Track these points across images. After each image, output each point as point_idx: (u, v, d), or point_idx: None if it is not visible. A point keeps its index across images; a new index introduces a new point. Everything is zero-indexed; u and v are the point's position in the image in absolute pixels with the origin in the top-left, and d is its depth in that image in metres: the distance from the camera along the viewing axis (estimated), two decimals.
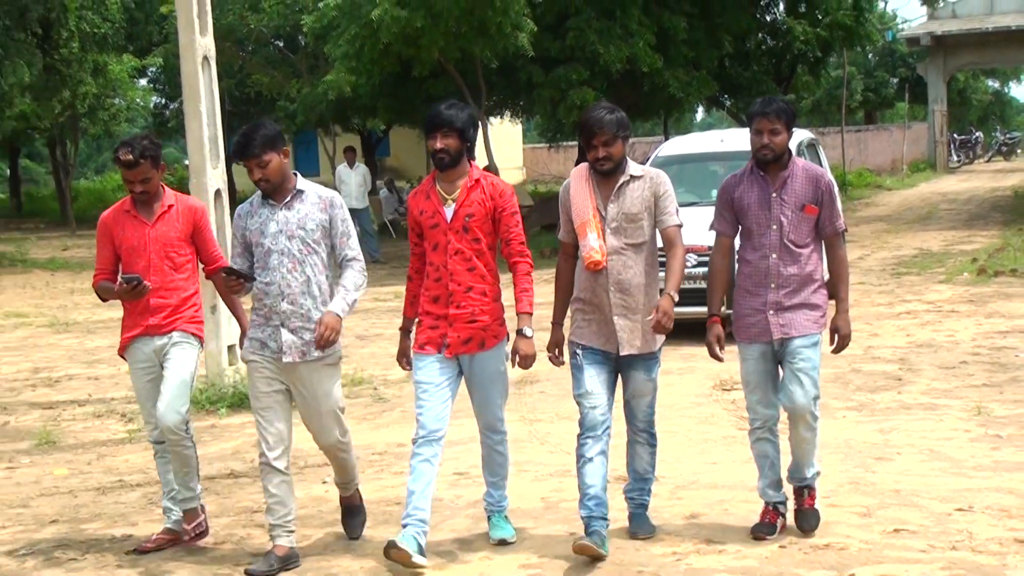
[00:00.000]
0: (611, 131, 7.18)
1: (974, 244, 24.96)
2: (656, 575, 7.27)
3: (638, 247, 7.29)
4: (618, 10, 28.00)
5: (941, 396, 11.70)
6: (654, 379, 7.56)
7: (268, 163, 7.22)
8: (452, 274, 7.35)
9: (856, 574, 7.08)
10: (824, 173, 7.55)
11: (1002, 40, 57.75)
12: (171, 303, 7.85)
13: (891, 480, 8.95)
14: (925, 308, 17.32)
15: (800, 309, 7.38)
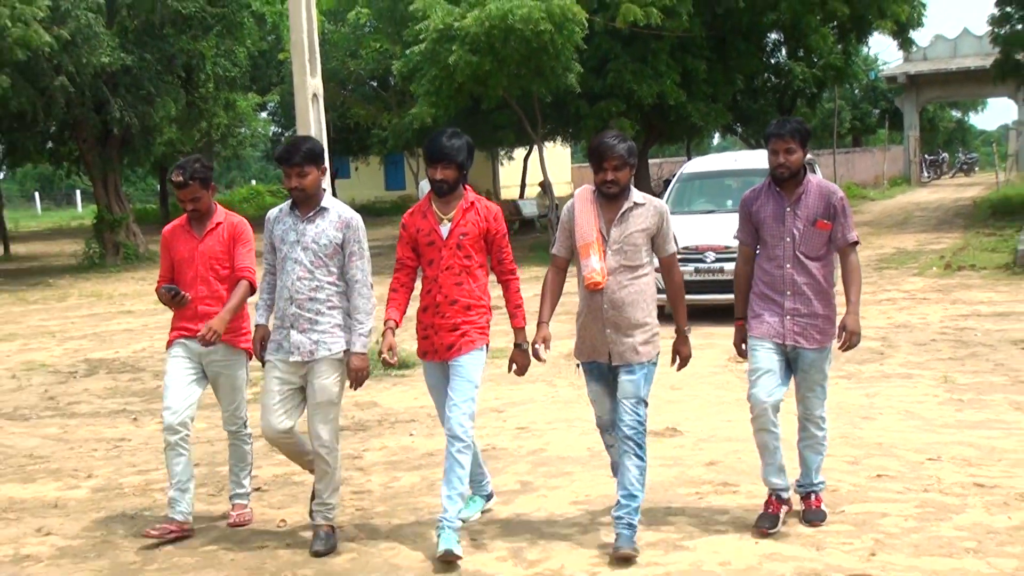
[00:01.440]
0: (621, 157, 6.52)
1: (941, 244, 24.82)
2: (683, 510, 7.33)
3: (635, 268, 6.63)
4: (649, 55, 27.97)
5: (915, 367, 11.66)
6: (636, 381, 6.63)
7: (307, 175, 6.74)
8: (441, 287, 6.79)
9: (845, 510, 7.12)
10: (837, 190, 6.86)
11: (963, 78, 57.69)
12: (214, 310, 7.20)
13: (874, 435, 8.96)
14: (902, 296, 17.22)
15: (815, 319, 6.74)
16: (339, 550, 6.94)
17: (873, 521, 6.89)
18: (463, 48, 24.04)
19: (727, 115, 32.95)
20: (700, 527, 6.97)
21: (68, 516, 8.03)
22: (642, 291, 6.66)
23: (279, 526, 7.53)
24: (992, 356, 12.02)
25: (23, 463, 9.56)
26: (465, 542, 6.83)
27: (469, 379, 6.77)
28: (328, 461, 6.88)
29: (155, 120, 32.81)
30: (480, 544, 6.91)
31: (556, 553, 6.66)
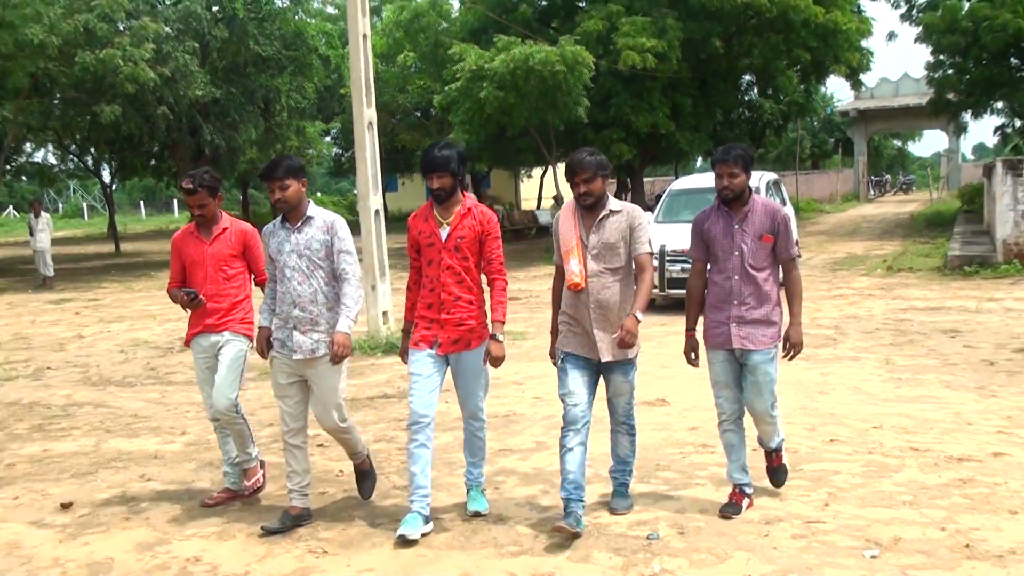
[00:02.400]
0: (592, 170, 6.05)
1: (884, 250, 24.70)
2: (669, 466, 7.31)
3: (615, 271, 6.11)
4: (645, 92, 27.94)
5: (862, 351, 11.60)
6: (631, 380, 6.28)
7: (288, 187, 6.23)
8: (444, 286, 6.25)
9: (804, 468, 7.09)
10: (780, 208, 6.32)
11: (904, 113, 57.74)
12: (223, 307, 6.88)
13: (828, 407, 8.93)
14: (852, 292, 17.14)
15: (759, 325, 6.20)
16: (385, 495, 6.95)
17: (827, 478, 6.87)
18: (492, 85, 24.19)
19: (708, 142, 32.87)
20: (683, 481, 6.96)
21: (165, 465, 8.07)
22: (622, 290, 6.15)
23: (338, 475, 7.55)
24: (925, 343, 11.94)
25: (129, 422, 9.61)
26: (490, 490, 6.84)
27: (481, 371, 6.40)
28: (347, 439, 6.63)
29: (239, 143, 33.02)
30: (502, 493, 6.91)
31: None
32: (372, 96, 13.77)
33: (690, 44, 28.30)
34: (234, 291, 6.93)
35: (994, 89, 30.08)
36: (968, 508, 6.17)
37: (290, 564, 5.79)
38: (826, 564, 5.38)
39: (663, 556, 5.58)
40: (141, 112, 29.04)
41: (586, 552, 5.73)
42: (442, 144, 6.35)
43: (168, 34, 28.36)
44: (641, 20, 26.71)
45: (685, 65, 28.36)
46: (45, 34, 23.43)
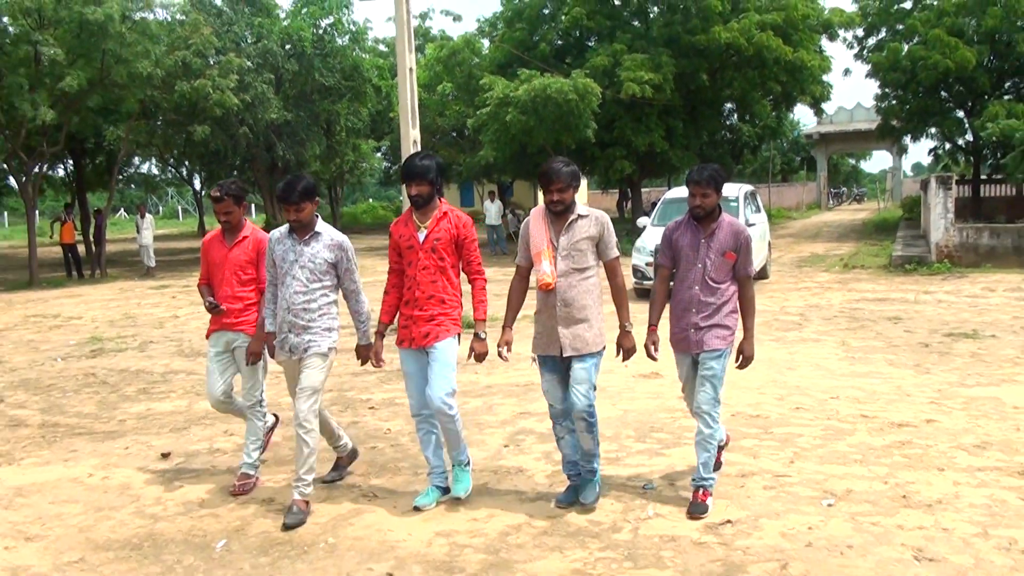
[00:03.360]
0: (565, 181, 5.51)
1: (841, 250, 24.59)
2: (661, 428, 7.30)
3: (583, 270, 5.53)
4: (643, 117, 27.97)
5: (822, 334, 11.54)
6: (589, 369, 5.53)
7: (303, 209, 5.72)
8: (419, 284, 5.67)
9: (774, 431, 7.08)
10: (744, 229, 5.74)
11: (857, 136, 57.35)
12: (237, 308, 6.30)
13: (794, 380, 8.89)
14: (815, 285, 17.06)
15: (713, 328, 5.63)
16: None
17: (792, 439, 6.85)
18: (516, 111, 24.27)
19: (696, 159, 32.74)
20: (674, 440, 6.95)
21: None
22: (589, 290, 5.57)
23: (386, 433, 7.54)
24: (874, 328, 11.87)
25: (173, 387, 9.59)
26: (512, 447, 6.85)
27: (446, 362, 5.68)
28: (306, 441, 5.72)
29: (305, 157, 33.12)
30: (522, 449, 6.91)
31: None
32: (416, 119, 13.79)
33: (681, 77, 28.27)
34: (248, 294, 6.38)
35: (928, 117, 30.45)
36: (906, 465, 6.16)
37: (347, 505, 5.83)
38: (791, 511, 5.39)
39: (656, 503, 5.59)
40: (226, 132, 29.14)
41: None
42: (423, 154, 5.81)
43: (249, 67, 28.40)
44: (640, 57, 26.74)
45: (677, 94, 28.34)
46: (152, 67, 23.53)
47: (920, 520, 5.18)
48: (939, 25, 27.57)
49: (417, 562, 4.91)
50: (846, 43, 31.72)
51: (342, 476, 6.41)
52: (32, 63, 22.55)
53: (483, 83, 25.95)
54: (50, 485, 6.62)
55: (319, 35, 31.73)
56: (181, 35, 26.10)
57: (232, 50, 28.66)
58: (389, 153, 50.24)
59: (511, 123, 24.50)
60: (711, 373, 5.65)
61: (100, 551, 5.32)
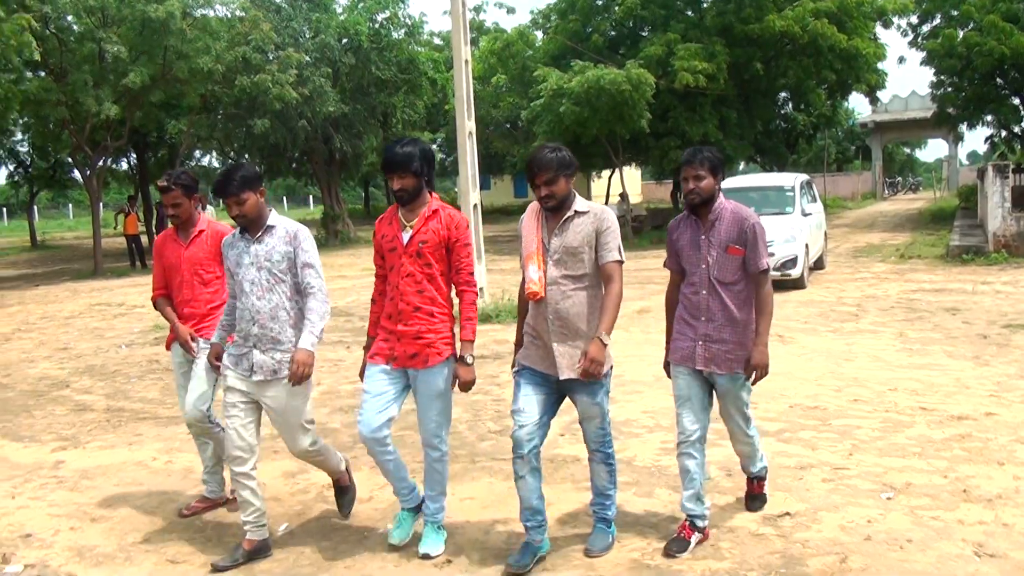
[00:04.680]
0: (553, 170, 4.57)
1: (897, 240, 24.14)
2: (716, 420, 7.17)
3: (578, 279, 4.60)
4: (697, 107, 27.69)
5: (880, 326, 11.32)
6: (600, 403, 4.71)
7: (245, 201, 4.86)
8: (403, 294, 4.78)
9: (832, 423, 6.96)
10: (750, 216, 4.86)
11: (912, 125, 56.05)
12: (199, 312, 5.60)
13: (852, 372, 8.73)
14: (871, 276, 16.76)
15: (725, 345, 4.83)
16: (483, 437, 6.79)
17: (851, 431, 6.73)
18: (570, 102, 24.16)
19: (750, 149, 32.62)
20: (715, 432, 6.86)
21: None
22: (587, 302, 4.63)
23: None
24: (932, 319, 11.62)
25: None
26: (569, 436, 6.81)
27: (441, 392, 4.86)
28: (323, 458, 5.23)
29: (362, 149, 33.34)
30: (579, 438, 6.88)
31: (630, 446, 6.61)
32: (472, 110, 13.77)
33: (735, 66, 27.96)
34: (210, 296, 5.66)
35: (984, 104, 29.71)
36: (965, 459, 6.01)
37: None
38: (850, 503, 5.29)
39: (714, 494, 5.50)
40: (285, 125, 29.40)
41: (650, 489, 5.70)
42: (405, 141, 4.86)
43: (307, 62, 28.65)
44: (694, 46, 26.47)
45: (731, 84, 28.03)
46: (213, 63, 23.87)
47: (980, 515, 5.05)
48: (994, 11, 26.91)
49: (476, 549, 4.91)
50: (900, 30, 31.12)
51: (237, 561, 4.94)
52: (96, 60, 23.00)
53: (537, 75, 25.90)
54: (115, 468, 6.74)
55: (375, 29, 31.86)
56: (241, 31, 26.43)
57: (291, 45, 28.91)
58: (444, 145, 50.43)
59: (565, 114, 24.42)
60: (740, 403, 4.98)
61: (164, 533, 5.40)
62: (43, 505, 6.00)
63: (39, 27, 20.88)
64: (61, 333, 13.94)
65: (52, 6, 22.00)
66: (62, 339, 13.30)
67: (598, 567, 4.60)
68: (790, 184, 16.89)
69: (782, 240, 14.84)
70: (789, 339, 10.45)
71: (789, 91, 33.81)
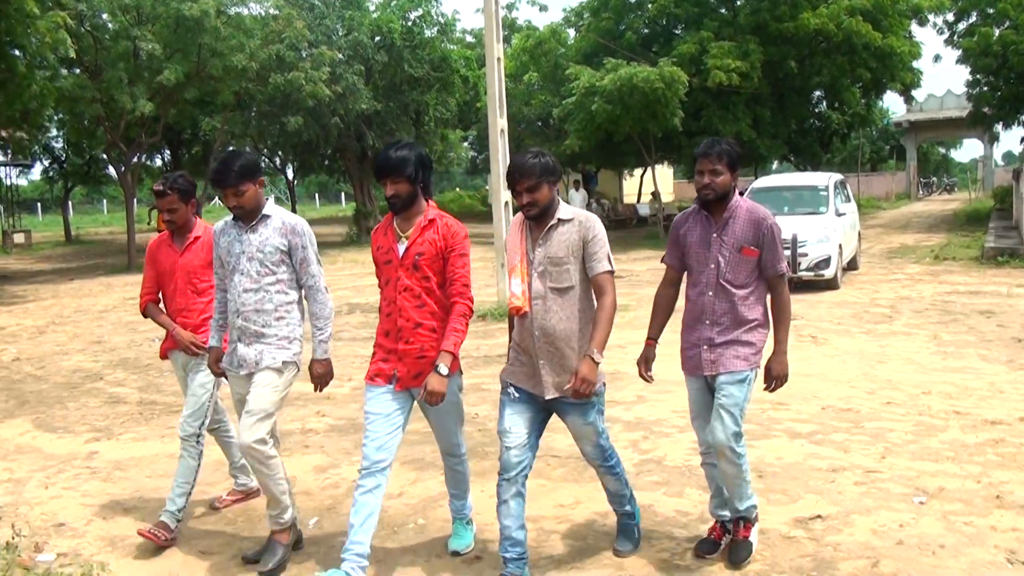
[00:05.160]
0: (535, 177, 4.25)
1: (932, 241, 23.88)
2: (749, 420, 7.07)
3: (564, 292, 4.30)
4: (730, 105, 27.59)
5: (913, 327, 11.20)
6: (592, 423, 4.43)
7: (244, 192, 4.65)
8: (401, 310, 4.45)
9: (865, 426, 6.89)
10: (767, 216, 4.51)
11: (947, 124, 55.36)
12: (192, 323, 5.33)
13: (885, 374, 8.64)
14: (905, 277, 16.58)
15: (731, 346, 4.49)
16: None
17: (883, 434, 6.66)
18: (602, 100, 24.10)
19: (784, 148, 32.44)
20: (762, 432, 6.80)
21: (335, 405, 8.25)
22: (575, 316, 4.33)
23: (474, 418, 7.49)
24: (967, 321, 11.48)
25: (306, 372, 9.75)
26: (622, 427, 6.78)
27: (453, 405, 4.61)
28: (264, 471, 4.69)
29: None
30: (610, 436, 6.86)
31: (660, 445, 6.60)
32: (504, 108, 13.77)
33: (769, 64, 27.81)
34: (205, 306, 5.38)
35: (1020, 104, 29.28)
36: (999, 464, 5.93)
37: (436, 488, 5.82)
38: (882, 507, 5.23)
39: None
40: (318, 122, 29.54)
41: (680, 489, 5.68)
42: (400, 144, 4.51)
43: (340, 59, 28.73)
44: (728, 44, 26.37)
45: (765, 82, 27.88)
46: (246, 61, 24.03)
47: (1014, 521, 4.98)
48: None
49: None
50: (936, 28, 30.75)
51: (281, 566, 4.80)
52: (131, 57, 23.24)
53: (569, 73, 25.85)
54: (147, 460, 6.81)
55: (408, 27, 31.91)
56: (275, 29, 26.56)
57: (324, 43, 29.03)
58: (476, 143, 50.50)
59: (597, 112, 24.37)
60: (730, 401, 4.46)
61: (195, 524, 5.44)
62: (76, 495, 6.08)
63: (74, 24, 21.10)
64: (95, 326, 14.10)
65: (87, 4, 22.26)
66: (96, 332, 13.44)
67: (628, 567, 4.59)
68: (824, 183, 16.76)
69: (816, 240, 14.73)
70: (822, 340, 10.37)
71: (823, 89, 33.57)
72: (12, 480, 6.50)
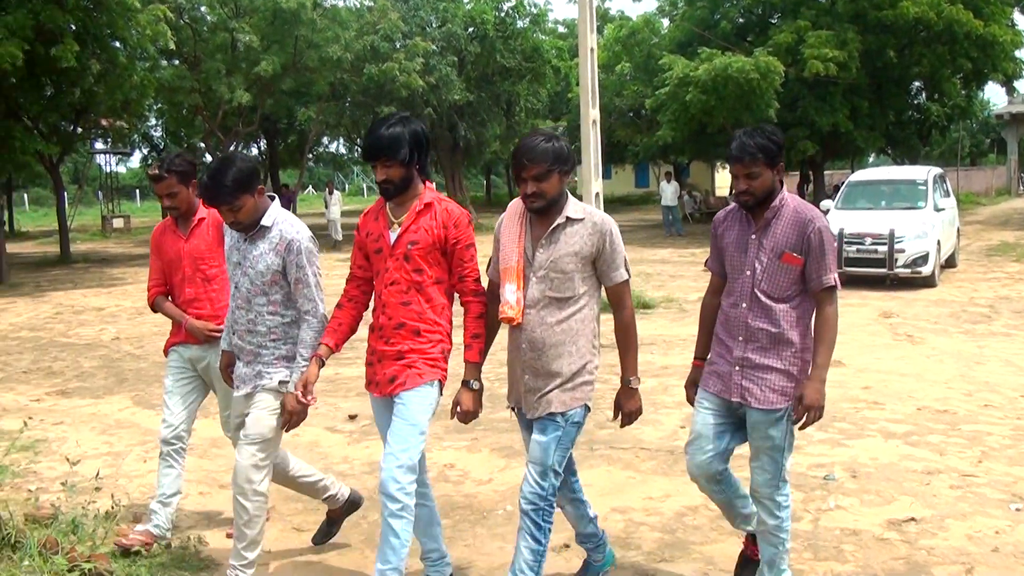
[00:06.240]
0: (544, 163, 3.63)
1: None
2: (844, 418, 7.03)
3: (563, 302, 3.72)
4: (827, 96, 27.01)
5: (1013, 328, 10.85)
6: (545, 444, 3.74)
7: (241, 207, 4.05)
8: (385, 306, 3.90)
9: (961, 428, 6.73)
10: (816, 218, 3.80)
11: None
12: (206, 314, 4.88)
13: (983, 376, 8.41)
14: (1005, 276, 16.06)
15: (768, 373, 3.79)
16: (601, 425, 6.78)
17: (980, 438, 6.50)
18: (696, 90, 23.89)
19: (881, 140, 31.63)
20: (856, 432, 6.70)
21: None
22: (572, 330, 3.74)
23: None
24: None
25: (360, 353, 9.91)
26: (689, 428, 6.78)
27: (412, 422, 3.82)
28: (245, 506, 4.16)
29: (486, 137, 33.65)
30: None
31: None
32: (597, 98, 13.76)
33: (867, 54, 27.14)
34: (216, 294, 4.93)
35: None
36: None
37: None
38: (978, 512, 5.12)
39: (837, 495, 5.42)
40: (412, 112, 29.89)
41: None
42: (391, 119, 3.86)
43: (434, 50, 29.02)
44: (825, 34, 25.82)
45: (863, 72, 27.22)
46: (341, 52, 24.50)
47: None
48: None
49: None
50: None
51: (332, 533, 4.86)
52: (229, 49, 23.92)
53: (662, 63, 25.66)
54: None
55: (501, 18, 32.07)
56: (370, 20, 26.99)
57: (418, 34, 29.35)
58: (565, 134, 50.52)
59: (691, 103, 24.17)
60: (769, 444, 3.87)
61: (290, 502, 5.60)
62: None
63: (173, 17, 21.79)
64: None
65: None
66: None
67: (717, 561, 4.59)
68: (923, 177, 16.33)
69: (913, 236, 14.39)
70: (919, 339, 10.15)
71: (922, 80, 32.61)
72: (111, 453, 6.81)
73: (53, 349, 11.38)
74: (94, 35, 19.17)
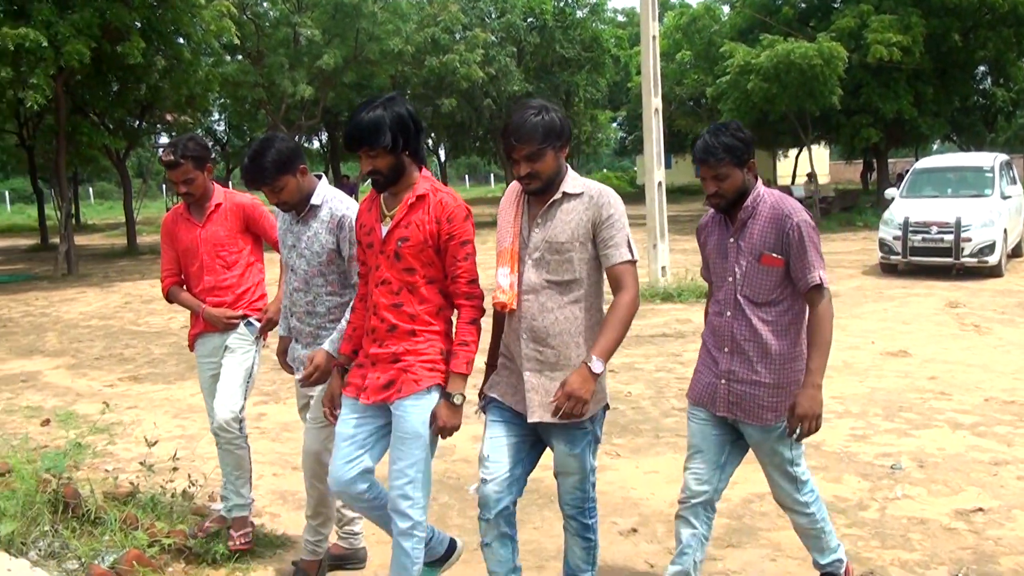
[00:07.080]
0: (535, 142, 3.28)
1: None
2: (910, 409, 6.99)
3: (564, 286, 3.37)
4: (891, 82, 26.56)
5: None
6: (579, 455, 3.48)
7: (283, 188, 3.95)
8: (376, 307, 3.54)
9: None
10: (794, 213, 3.48)
11: None
12: (226, 300, 4.70)
13: None
14: None
15: (756, 388, 3.53)
16: (667, 414, 6.86)
17: None
18: (758, 78, 23.70)
19: (946, 127, 31.05)
20: (923, 422, 6.67)
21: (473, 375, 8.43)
22: (577, 318, 3.39)
23: (627, 396, 7.63)
24: None
25: None
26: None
27: (413, 435, 3.48)
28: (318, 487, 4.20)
29: None
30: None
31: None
32: (658, 87, 13.77)
33: (932, 38, 26.63)
34: (236, 280, 4.78)
35: None
36: None
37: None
38: None
39: (904, 484, 5.41)
40: (471, 104, 30.13)
41: (838, 474, 5.65)
42: (373, 102, 3.47)
43: (493, 41, 29.19)
44: (889, 18, 25.39)
45: (927, 57, 26.73)
46: (402, 44, 24.74)
47: None
48: None
49: (660, 521, 5.02)
50: None
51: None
52: (291, 43, 24.31)
53: (723, 50, 25.50)
54: None
55: (560, 8, 32.13)
56: (430, 13, 27.19)
57: (478, 25, 29.52)
58: (625, 123, 50.36)
59: (752, 91, 23.97)
60: (778, 460, 3.67)
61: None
62: None
63: (237, 13, 22.17)
64: None
65: None
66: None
67: (785, 548, 4.64)
68: (989, 164, 16.02)
69: (979, 224, 14.13)
70: (985, 329, 10.01)
71: (988, 64, 31.96)
72: (185, 436, 7.03)
73: (124, 337, 11.74)
74: (159, 32, 19.65)
